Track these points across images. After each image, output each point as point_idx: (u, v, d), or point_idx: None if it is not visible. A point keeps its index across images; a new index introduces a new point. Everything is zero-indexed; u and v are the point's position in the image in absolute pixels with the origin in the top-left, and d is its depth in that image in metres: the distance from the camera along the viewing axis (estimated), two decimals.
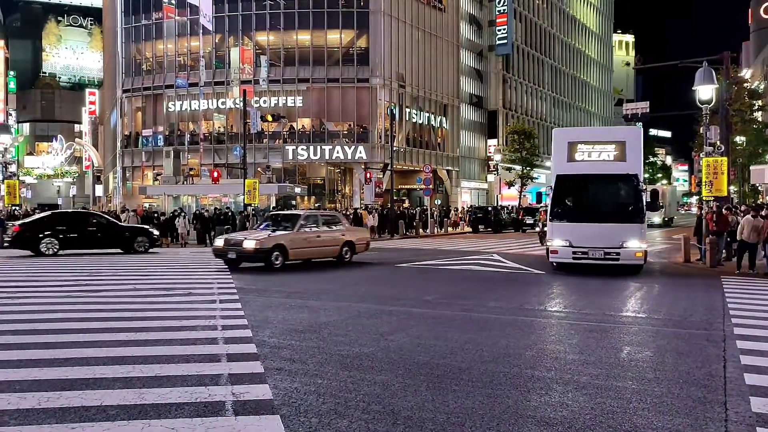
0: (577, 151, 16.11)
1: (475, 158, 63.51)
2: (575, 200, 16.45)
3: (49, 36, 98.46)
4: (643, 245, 15.49)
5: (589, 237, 15.37)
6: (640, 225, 15.47)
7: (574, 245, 15.48)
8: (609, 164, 15.85)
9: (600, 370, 6.50)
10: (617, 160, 15.80)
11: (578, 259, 15.50)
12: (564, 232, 15.72)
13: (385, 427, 4.76)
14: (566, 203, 16.28)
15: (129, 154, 53.10)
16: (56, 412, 5.03)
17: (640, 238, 15.36)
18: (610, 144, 16.06)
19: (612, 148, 15.94)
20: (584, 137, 16.88)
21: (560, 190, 16.04)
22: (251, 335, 8.02)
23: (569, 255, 15.56)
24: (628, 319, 9.64)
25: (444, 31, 55.92)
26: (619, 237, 15.23)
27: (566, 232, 15.68)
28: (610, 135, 17.38)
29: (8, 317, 9.28)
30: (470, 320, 9.37)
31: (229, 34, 48.98)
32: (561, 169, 16.19)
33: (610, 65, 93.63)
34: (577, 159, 16.05)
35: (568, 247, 15.54)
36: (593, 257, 15.38)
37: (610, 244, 15.23)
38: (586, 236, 15.40)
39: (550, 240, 16.00)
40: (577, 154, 16.10)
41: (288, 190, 42.74)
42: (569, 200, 16.36)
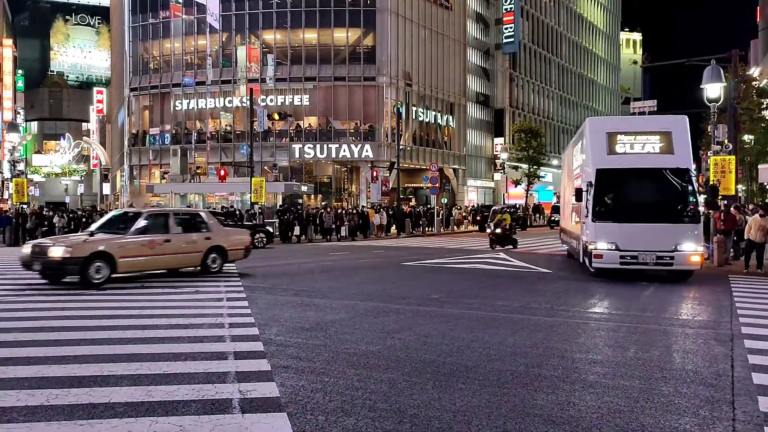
0: (618, 143, 14.55)
1: (481, 157, 63.42)
2: (621, 197, 14.63)
3: (57, 35, 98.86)
4: (699, 248, 13.91)
5: (638, 239, 13.77)
6: (696, 225, 13.98)
7: (622, 248, 13.81)
8: (656, 157, 14.32)
9: (607, 369, 6.48)
10: (664, 152, 14.32)
11: (627, 264, 13.87)
12: (609, 234, 13.99)
13: (391, 425, 4.76)
14: (610, 201, 14.49)
15: (136, 152, 53.29)
16: (64, 409, 5.06)
17: (696, 240, 13.83)
18: (654, 134, 14.51)
19: (657, 139, 14.43)
20: (625, 127, 15.21)
21: (602, 187, 14.33)
22: (258, 333, 8.04)
23: (615, 260, 13.87)
24: (635, 318, 9.60)
25: (451, 29, 55.83)
26: (672, 239, 13.66)
27: (612, 233, 13.96)
28: (653, 125, 15.59)
29: (17, 314, 9.33)
30: (477, 319, 9.36)
31: (236, 33, 49.07)
32: (601, 162, 14.51)
33: (618, 63, 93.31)
34: (619, 151, 14.49)
35: (614, 251, 13.83)
36: (644, 262, 13.80)
37: (663, 247, 13.65)
38: (635, 238, 13.79)
39: (592, 243, 14.23)
40: (618, 146, 14.53)
41: (294, 188, 42.80)
42: (613, 198, 14.56)
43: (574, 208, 17.58)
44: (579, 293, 12.36)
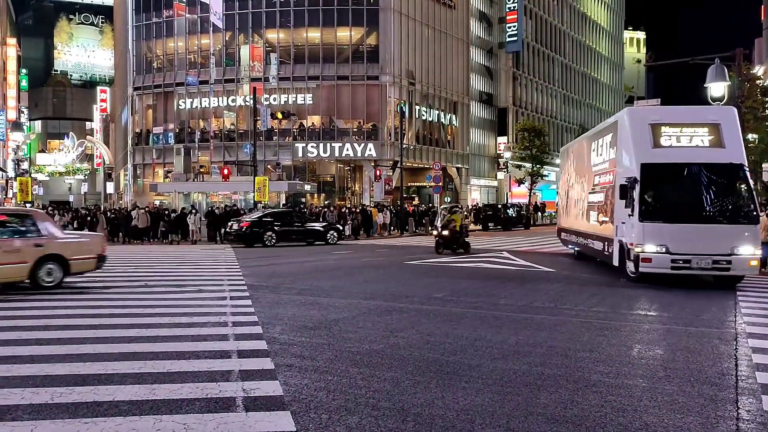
0: (663, 135, 13.37)
1: (484, 156, 63.35)
2: (671, 195, 13.43)
3: (60, 34, 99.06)
4: (758, 251, 12.88)
5: (691, 241, 12.62)
6: (754, 226, 12.85)
7: (673, 251, 12.63)
8: (706, 151, 13.22)
9: (610, 368, 6.48)
10: (714, 146, 13.23)
11: (679, 269, 12.72)
12: (658, 235, 12.78)
13: (394, 424, 4.77)
14: (659, 199, 13.30)
15: (140, 151, 53.36)
16: (69, 407, 5.07)
17: (755, 242, 12.77)
18: (702, 126, 13.39)
19: (705, 132, 13.34)
20: (669, 118, 13.96)
21: (649, 184, 13.09)
22: (261, 332, 8.05)
23: (666, 264, 12.69)
24: (639, 316, 9.59)
25: (454, 28, 55.77)
26: (729, 241, 12.57)
27: (661, 235, 12.77)
28: (699, 115, 14.22)
29: (20, 313, 9.37)
30: (480, 317, 9.36)
31: (239, 32, 49.08)
32: (645, 156, 13.27)
33: (621, 62, 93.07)
34: (664, 144, 13.29)
35: (664, 255, 12.65)
36: (698, 267, 12.65)
37: (719, 251, 12.53)
38: (688, 240, 12.64)
39: (639, 245, 12.97)
40: (663, 138, 13.36)
41: (298, 187, 42.82)
42: (663, 196, 13.37)
43: (595, 207, 16.42)
44: (582, 292, 12.35)
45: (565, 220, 21.95)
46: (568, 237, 20.74)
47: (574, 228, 19.38)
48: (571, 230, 19.97)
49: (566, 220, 21.55)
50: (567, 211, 21.57)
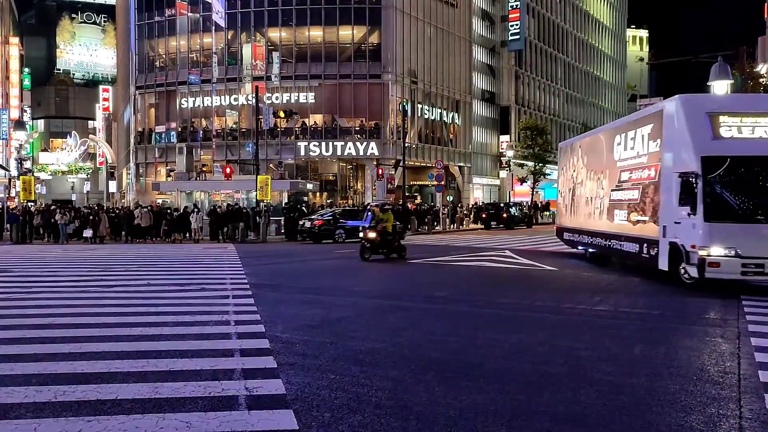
0: (722, 126, 12.21)
1: (487, 154, 63.31)
2: (739, 192, 11.95)
3: (63, 33, 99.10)
4: None
5: (765, 243, 11.40)
6: None
7: (744, 255, 11.33)
8: None
9: (613, 367, 6.47)
10: None
11: (750, 274, 11.54)
12: (727, 237, 11.52)
13: (397, 422, 4.77)
14: (726, 196, 11.92)
15: (142, 150, 53.41)
16: (72, 405, 5.08)
17: None
18: (764, 116, 12.23)
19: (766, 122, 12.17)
20: (728, 106, 12.86)
21: (713, 179, 11.77)
22: (264, 330, 8.06)
23: (736, 269, 11.44)
24: (642, 315, 9.58)
25: (456, 26, 55.72)
26: None
27: (731, 236, 11.52)
28: (761, 103, 13.19)
29: (24, 311, 9.38)
30: (482, 316, 9.36)
31: (241, 31, 49.08)
32: (706, 149, 11.98)
33: (624, 60, 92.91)
34: (725, 136, 12.10)
35: (734, 258, 11.37)
36: None
37: None
38: (762, 242, 11.38)
39: (704, 247, 11.64)
40: (723, 129, 12.18)
41: (300, 186, 42.83)
42: (730, 192, 11.94)
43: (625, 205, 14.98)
44: (585, 291, 12.34)
45: (569, 219, 20.52)
46: (575, 237, 19.42)
47: (587, 228, 17.91)
48: (582, 230, 18.48)
49: (573, 219, 20.07)
50: (573, 209, 20.03)
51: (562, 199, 21.70)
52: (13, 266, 16.46)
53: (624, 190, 15.36)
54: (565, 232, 20.83)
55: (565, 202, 21.24)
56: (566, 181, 21.22)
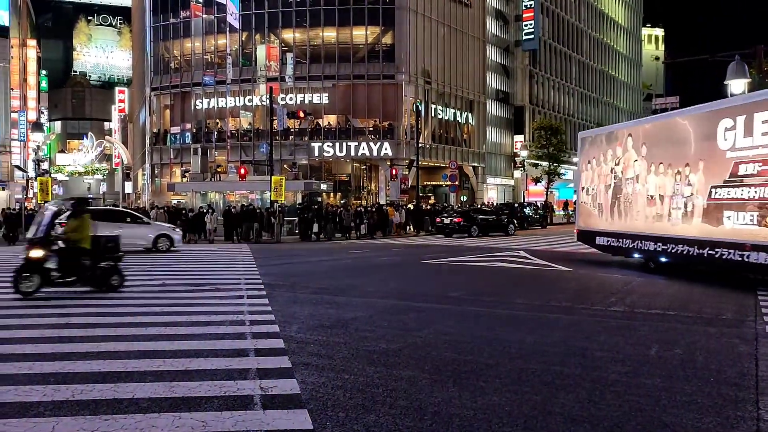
0: None
1: (501, 154, 63.13)
2: None
3: (79, 35, 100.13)
4: None
5: None
6: None
7: None
8: None
9: (628, 368, 6.43)
10: None
11: None
12: None
13: (412, 423, 4.77)
14: None
15: (157, 151, 53.80)
16: (89, 404, 5.14)
17: None
18: None
19: None
20: None
21: None
22: (278, 330, 8.09)
23: None
24: (658, 316, 9.50)
25: (470, 26, 55.61)
26: None
27: None
28: None
29: (42, 311, 9.49)
30: (496, 317, 9.33)
31: (255, 32, 49.31)
32: None
33: (639, 60, 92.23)
34: None
35: None
36: None
37: None
38: None
39: None
40: None
41: (314, 186, 42.95)
42: None
43: (747, 205, 11.95)
44: (600, 291, 12.26)
45: (608, 221, 17.21)
46: (622, 243, 16.28)
47: (654, 233, 14.91)
48: (642, 235, 15.40)
49: (616, 221, 16.75)
50: (618, 210, 16.71)
51: (590, 197, 18.42)
52: None
53: (746, 187, 12.27)
54: (598, 236, 17.58)
55: (597, 201, 17.94)
56: (599, 176, 17.88)
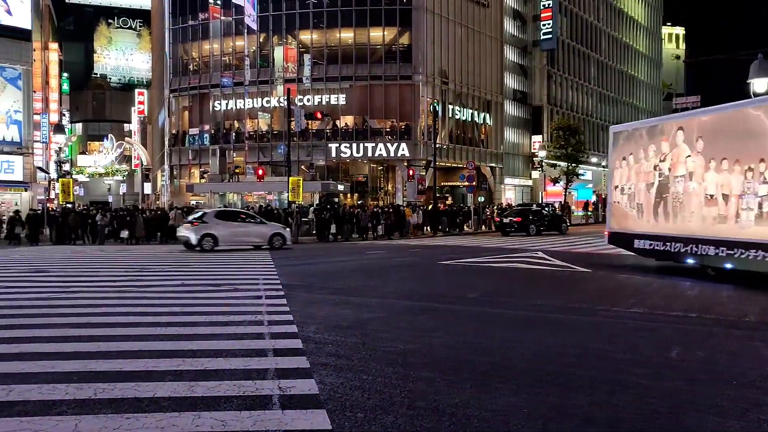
0: None
1: (519, 155, 62.83)
2: None
3: (100, 38, 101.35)
4: None
5: None
6: None
7: None
8: None
9: (648, 370, 6.37)
10: None
11: None
12: None
13: (430, 424, 4.78)
14: None
15: (176, 152, 54.27)
16: (111, 402, 5.20)
17: None
18: None
19: None
20: None
21: None
22: (297, 330, 8.13)
23: None
24: (678, 318, 9.41)
25: (487, 26, 55.43)
26: None
27: None
28: None
29: (64, 311, 9.62)
30: (514, 318, 9.30)
31: (273, 33, 49.55)
32: None
33: (659, 59, 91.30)
34: None
35: None
36: None
37: None
38: None
39: None
40: None
41: (331, 187, 43.06)
42: None
43: None
44: (619, 292, 12.17)
45: (651, 223, 15.65)
46: (673, 247, 14.75)
47: (709, 235, 13.63)
48: (690, 238, 14.15)
49: (662, 223, 15.24)
50: (661, 210, 15.28)
51: (626, 197, 16.90)
52: (53, 266, 16.87)
53: None
54: (637, 239, 16.09)
55: (636, 201, 16.37)
56: (637, 174, 16.35)
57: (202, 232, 22.46)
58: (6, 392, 5.44)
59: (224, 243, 22.78)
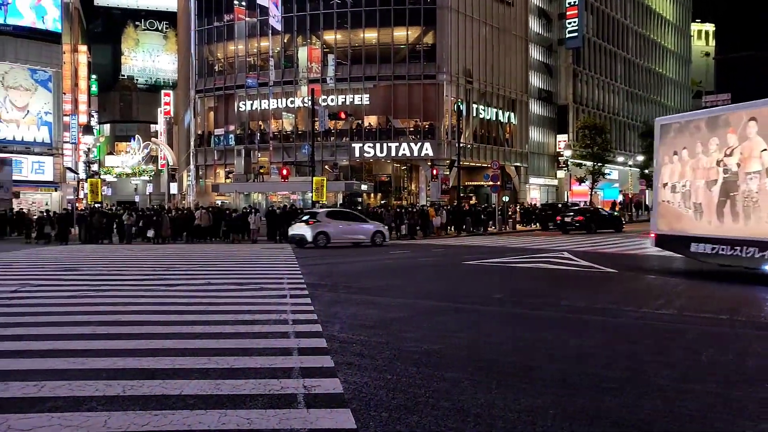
0: None
1: (544, 154, 62.34)
2: None
3: (127, 40, 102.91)
4: None
5: None
6: None
7: None
8: None
9: (678, 373, 6.27)
10: None
11: None
12: None
13: (455, 424, 4.75)
14: None
15: (202, 152, 54.84)
16: (139, 399, 5.27)
17: None
18: None
19: None
20: None
21: None
22: (321, 330, 8.15)
23: None
24: (709, 320, 9.24)
25: (512, 25, 55.09)
26: None
27: None
28: None
29: (93, 308, 9.77)
30: (540, 319, 9.21)
31: (297, 34, 49.82)
32: None
33: (688, 56, 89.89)
34: None
35: None
36: None
37: None
38: None
39: None
40: None
41: (354, 187, 43.14)
42: None
43: None
44: (647, 293, 11.99)
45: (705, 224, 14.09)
46: (734, 252, 13.19)
47: None
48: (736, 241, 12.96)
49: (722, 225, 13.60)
50: (728, 211, 13.52)
51: (679, 195, 15.08)
52: (82, 265, 17.15)
53: None
54: (695, 242, 14.38)
55: (693, 200, 14.64)
56: (694, 170, 14.63)
57: (317, 230, 23.99)
58: (38, 388, 5.54)
59: (335, 240, 24.32)
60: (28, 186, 41.90)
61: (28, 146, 42.37)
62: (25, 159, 42.00)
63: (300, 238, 24.27)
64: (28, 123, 42.48)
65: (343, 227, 24.88)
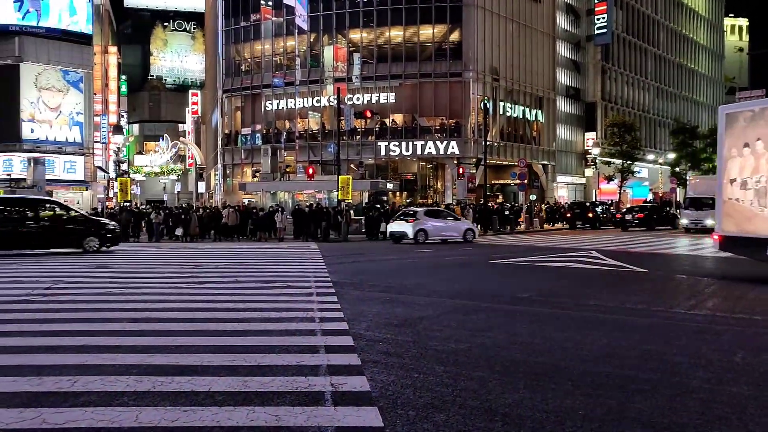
0: None
1: (572, 152, 61.67)
2: None
3: (156, 41, 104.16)
4: None
5: None
6: None
7: None
8: None
9: (711, 374, 6.14)
10: None
11: None
12: None
13: (482, 423, 4.72)
14: None
15: (229, 152, 55.35)
16: (169, 395, 5.33)
17: None
18: None
19: None
20: None
21: None
22: (347, 328, 8.16)
23: None
24: (742, 320, 9.05)
25: (539, 22, 54.60)
26: None
27: None
28: None
29: (124, 306, 9.92)
30: (568, 318, 9.11)
31: (323, 33, 50.01)
32: None
33: (722, 51, 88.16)
34: None
35: None
36: None
37: None
38: None
39: None
40: None
41: (380, 185, 43.13)
42: None
43: None
44: (678, 293, 11.79)
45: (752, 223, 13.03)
46: None
47: None
48: None
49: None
50: None
51: (750, 193, 13.30)
52: (113, 263, 17.43)
53: None
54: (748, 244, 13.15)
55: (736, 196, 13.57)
56: None
57: (417, 227, 25.38)
58: (71, 383, 5.64)
59: (432, 237, 25.63)
60: (60, 185, 42.67)
61: (60, 146, 43.15)
62: (57, 158, 42.79)
63: (400, 235, 25.70)
64: (60, 123, 43.28)
65: (439, 225, 26.15)
